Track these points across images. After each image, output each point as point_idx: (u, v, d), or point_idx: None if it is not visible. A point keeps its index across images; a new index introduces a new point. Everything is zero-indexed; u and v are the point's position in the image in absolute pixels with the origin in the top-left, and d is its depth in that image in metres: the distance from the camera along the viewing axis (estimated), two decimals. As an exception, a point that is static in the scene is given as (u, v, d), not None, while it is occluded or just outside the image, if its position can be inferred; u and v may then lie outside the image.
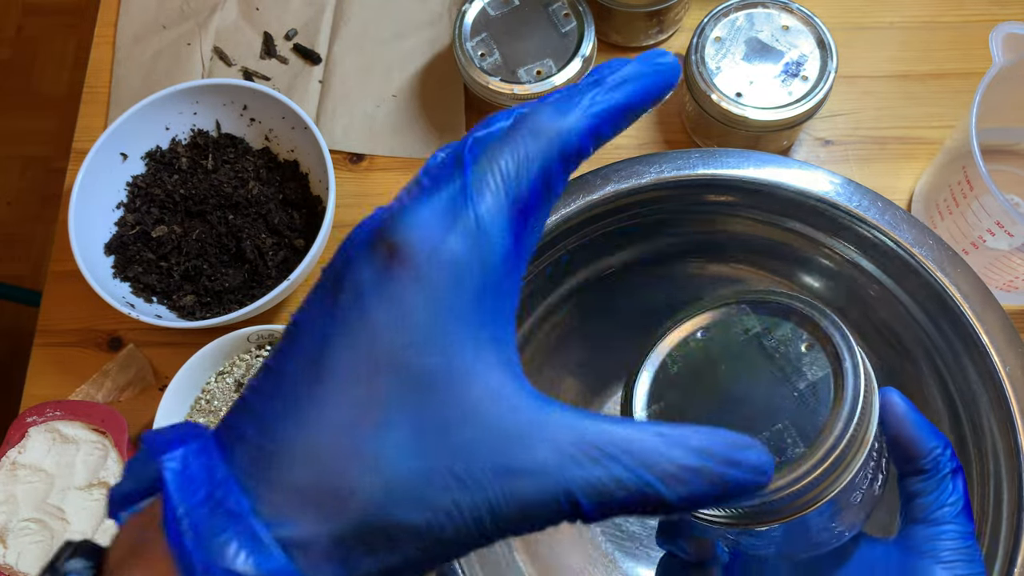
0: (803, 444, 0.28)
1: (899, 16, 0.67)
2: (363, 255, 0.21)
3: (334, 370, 0.20)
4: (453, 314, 0.21)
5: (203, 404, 0.56)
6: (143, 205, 0.61)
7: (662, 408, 0.30)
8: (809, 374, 0.29)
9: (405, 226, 0.21)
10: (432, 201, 0.21)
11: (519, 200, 0.21)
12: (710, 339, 0.31)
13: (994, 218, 0.50)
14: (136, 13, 0.70)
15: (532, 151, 0.21)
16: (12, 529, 0.52)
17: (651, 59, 0.23)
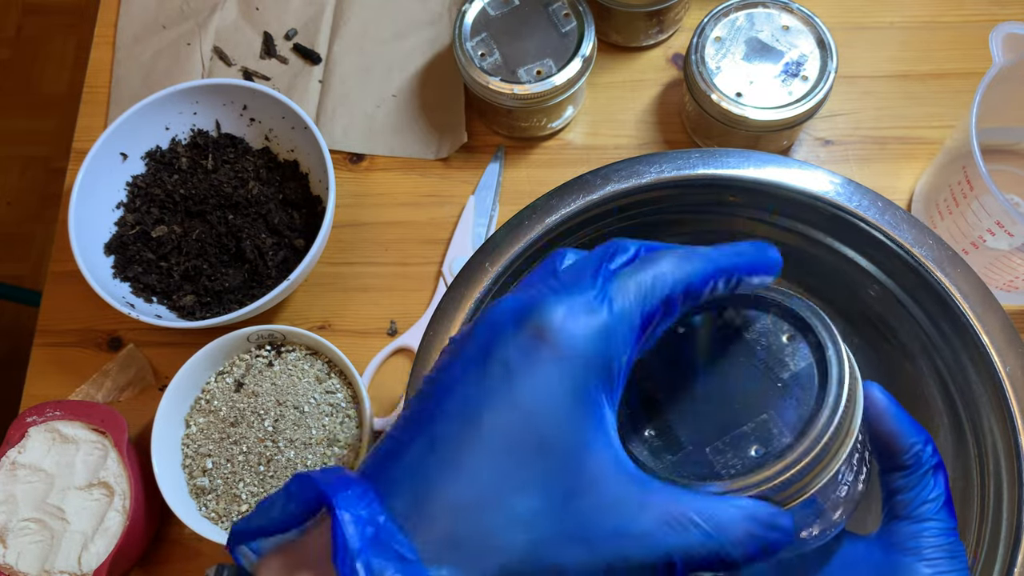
0: (789, 434, 0.28)
1: (899, 16, 0.67)
2: (511, 333, 0.25)
3: (484, 435, 0.24)
4: (585, 396, 0.24)
5: (203, 404, 0.56)
6: (143, 205, 0.61)
7: (641, 405, 0.30)
8: (792, 364, 0.29)
9: (552, 312, 0.24)
10: (574, 296, 0.25)
11: (645, 310, 0.25)
12: (689, 332, 0.31)
13: (994, 218, 0.50)
14: (136, 13, 0.70)
15: (664, 279, 0.26)
16: (12, 529, 0.52)
17: (764, 250, 0.28)
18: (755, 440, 0.28)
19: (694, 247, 0.27)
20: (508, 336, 0.24)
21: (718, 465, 0.28)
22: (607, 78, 0.66)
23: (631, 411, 0.30)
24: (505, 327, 0.25)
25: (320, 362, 0.57)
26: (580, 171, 0.47)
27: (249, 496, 0.53)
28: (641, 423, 0.30)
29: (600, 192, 0.46)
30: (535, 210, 0.46)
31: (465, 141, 0.63)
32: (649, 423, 0.30)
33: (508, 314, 0.25)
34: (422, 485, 0.24)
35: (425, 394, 0.25)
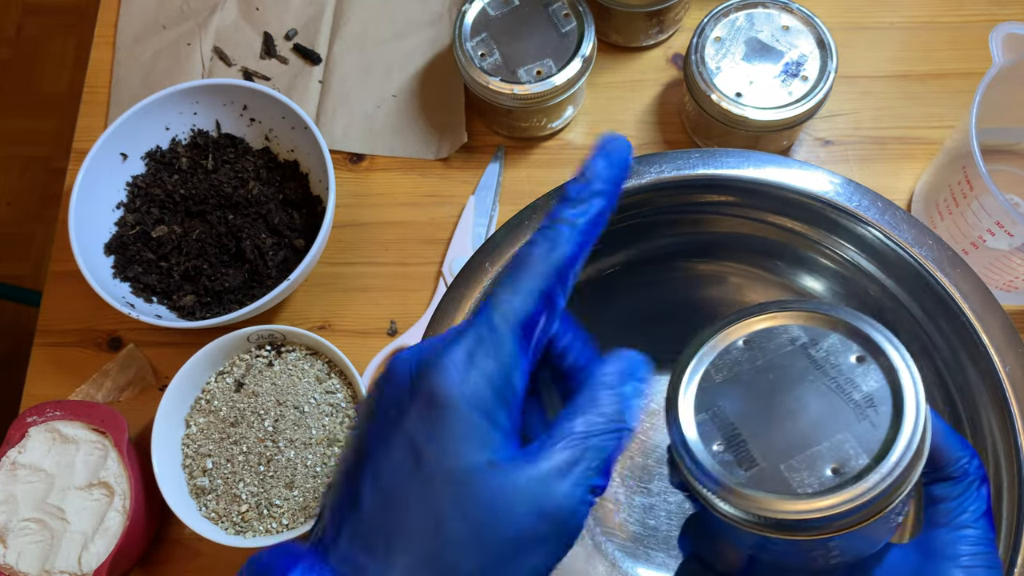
0: (866, 456, 0.28)
1: (899, 16, 0.67)
2: (405, 401, 0.27)
3: (398, 498, 0.26)
4: (477, 431, 0.26)
5: (203, 404, 0.56)
6: (143, 205, 0.61)
7: (711, 417, 0.30)
8: (864, 386, 0.29)
9: (437, 376, 0.26)
10: (451, 350, 0.27)
11: (524, 323, 0.27)
12: (754, 348, 0.31)
13: (994, 218, 0.50)
14: (136, 13, 0.70)
15: (530, 285, 0.27)
16: (12, 529, 0.52)
17: (609, 151, 0.29)
18: (831, 460, 0.28)
19: (554, 214, 0.29)
20: (405, 405, 0.26)
21: (794, 483, 0.28)
22: (607, 78, 0.66)
23: (701, 425, 0.30)
24: (401, 393, 0.27)
25: (320, 362, 0.57)
26: (580, 171, 0.47)
27: (249, 496, 0.53)
28: (712, 436, 0.30)
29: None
30: (535, 210, 0.46)
31: (465, 141, 0.63)
32: (721, 437, 0.30)
33: (401, 378, 0.27)
34: (362, 556, 0.26)
35: (351, 457, 0.27)
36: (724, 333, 0.32)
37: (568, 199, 0.29)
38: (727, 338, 0.32)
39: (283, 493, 0.53)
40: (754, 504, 0.28)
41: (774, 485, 0.28)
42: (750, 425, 0.29)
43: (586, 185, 0.29)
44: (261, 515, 0.53)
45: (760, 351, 0.31)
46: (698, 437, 0.30)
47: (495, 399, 0.26)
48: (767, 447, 0.29)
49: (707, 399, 0.31)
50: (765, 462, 0.29)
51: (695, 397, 0.31)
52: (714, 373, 0.31)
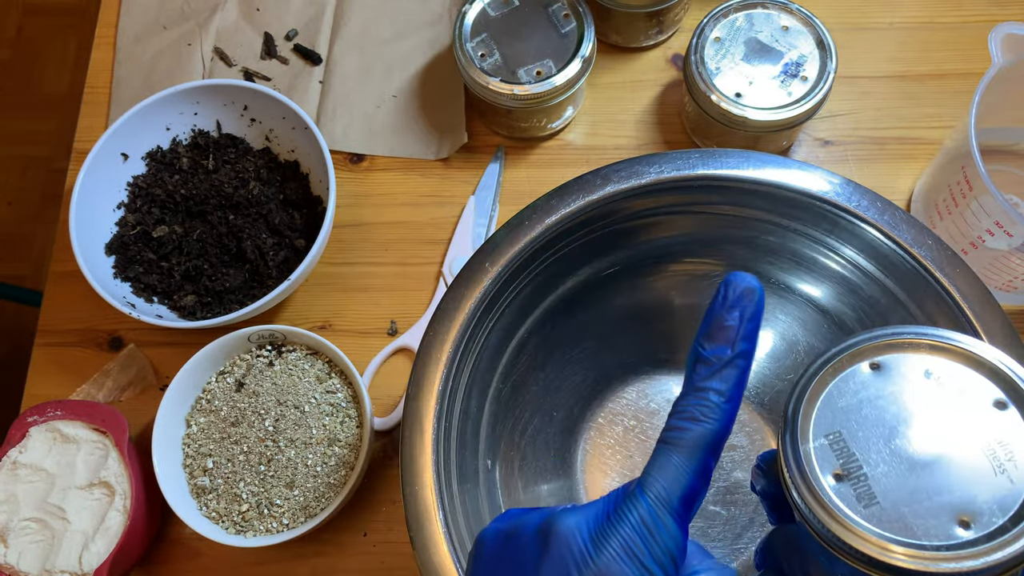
0: (1001, 514, 0.26)
1: (898, 16, 0.67)
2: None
3: None
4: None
5: (204, 404, 0.56)
6: (144, 205, 0.61)
7: (830, 443, 0.28)
8: (1003, 435, 0.27)
9: (608, 562, 0.27)
10: (621, 530, 0.27)
11: (684, 500, 0.28)
12: (883, 375, 0.29)
13: (993, 218, 0.50)
14: (137, 14, 0.70)
15: (690, 466, 0.28)
16: (13, 528, 0.52)
17: (742, 300, 0.28)
18: (959, 512, 0.26)
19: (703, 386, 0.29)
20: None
21: (919, 531, 0.26)
22: (607, 78, 0.66)
23: (820, 450, 0.28)
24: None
25: (320, 362, 0.57)
26: (580, 171, 0.47)
27: (250, 496, 0.53)
28: (830, 463, 0.28)
29: (600, 192, 0.46)
30: (535, 210, 0.46)
31: (465, 141, 0.63)
32: (840, 466, 0.28)
33: (571, 557, 0.27)
34: None
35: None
36: (851, 353, 0.29)
37: (707, 363, 0.28)
38: (854, 359, 0.29)
39: (283, 493, 0.53)
40: (871, 545, 0.26)
41: (897, 529, 0.26)
42: (872, 459, 0.28)
43: (726, 347, 0.28)
44: (261, 515, 0.53)
45: (889, 379, 0.29)
46: (816, 462, 0.28)
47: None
48: (889, 486, 0.27)
49: (827, 423, 0.29)
50: (886, 501, 0.27)
51: (814, 419, 0.29)
52: (836, 396, 0.29)
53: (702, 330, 0.29)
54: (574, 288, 0.52)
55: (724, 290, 0.29)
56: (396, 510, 0.56)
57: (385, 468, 0.57)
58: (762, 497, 0.34)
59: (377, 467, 0.57)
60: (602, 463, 0.54)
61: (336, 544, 0.55)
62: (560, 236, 0.47)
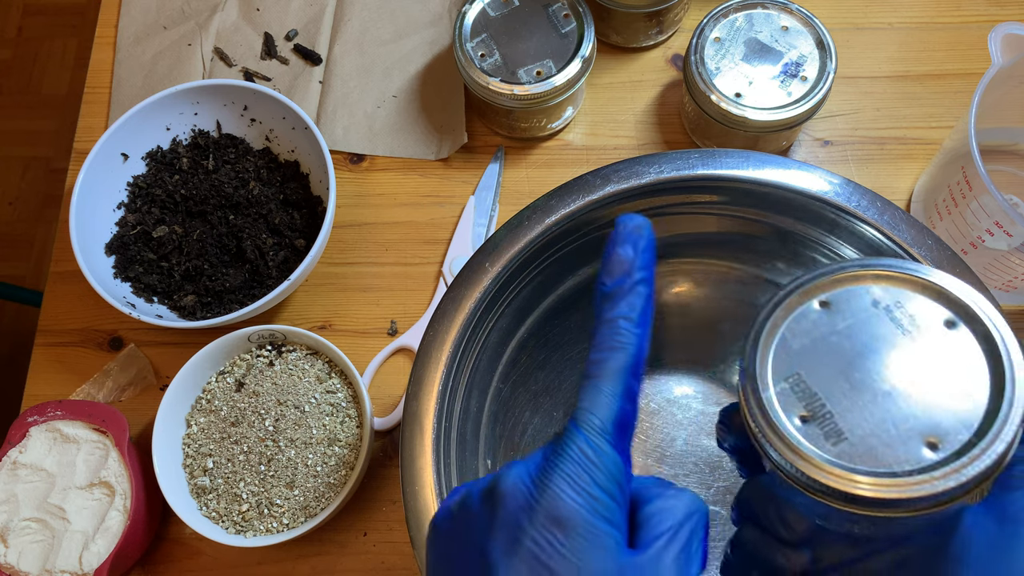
0: (966, 431, 0.26)
1: (898, 17, 0.67)
2: (525, 523, 0.27)
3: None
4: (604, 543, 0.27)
5: (204, 404, 0.56)
6: (144, 205, 0.61)
7: (791, 387, 0.28)
8: (957, 351, 0.27)
9: (555, 497, 0.27)
10: (564, 467, 0.28)
11: (618, 426, 0.28)
12: (833, 311, 0.29)
13: (993, 218, 0.50)
14: (137, 14, 0.70)
15: (613, 389, 0.28)
16: (13, 528, 0.52)
17: (632, 235, 0.30)
18: (927, 435, 0.26)
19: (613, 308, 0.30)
20: (528, 530, 0.27)
21: (890, 459, 0.26)
22: (607, 79, 0.66)
23: (782, 395, 0.28)
24: (520, 519, 0.27)
25: (320, 362, 0.57)
26: (580, 171, 0.47)
27: (250, 495, 0.53)
28: (794, 407, 0.28)
29: (600, 192, 0.46)
30: (535, 210, 0.46)
31: (465, 141, 0.63)
32: (804, 408, 0.28)
33: (518, 500, 0.28)
34: None
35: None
36: (799, 293, 0.29)
37: (611, 296, 0.29)
38: (803, 299, 0.29)
39: (284, 493, 0.53)
40: (846, 481, 0.26)
41: (867, 462, 0.26)
42: (834, 396, 0.27)
43: (625, 278, 0.29)
44: (262, 514, 0.53)
45: (840, 314, 0.29)
46: (779, 407, 0.28)
47: (612, 505, 0.27)
48: (855, 420, 0.27)
49: (785, 366, 0.28)
50: (854, 436, 0.27)
51: (771, 364, 0.29)
52: (790, 338, 0.29)
53: (601, 269, 0.30)
54: (574, 288, 0.52)
55: (616, 229, 0.30)
56: (396, 510, 0.56)
57: (385, 468, 0.57)
58: (730, 453, 0.34)
59: (377, 467, 0.57)
60: (602, 463, 0.54)
61: (336, 544, 0.56)
62: (560, 236, 0.47)
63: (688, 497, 0.30)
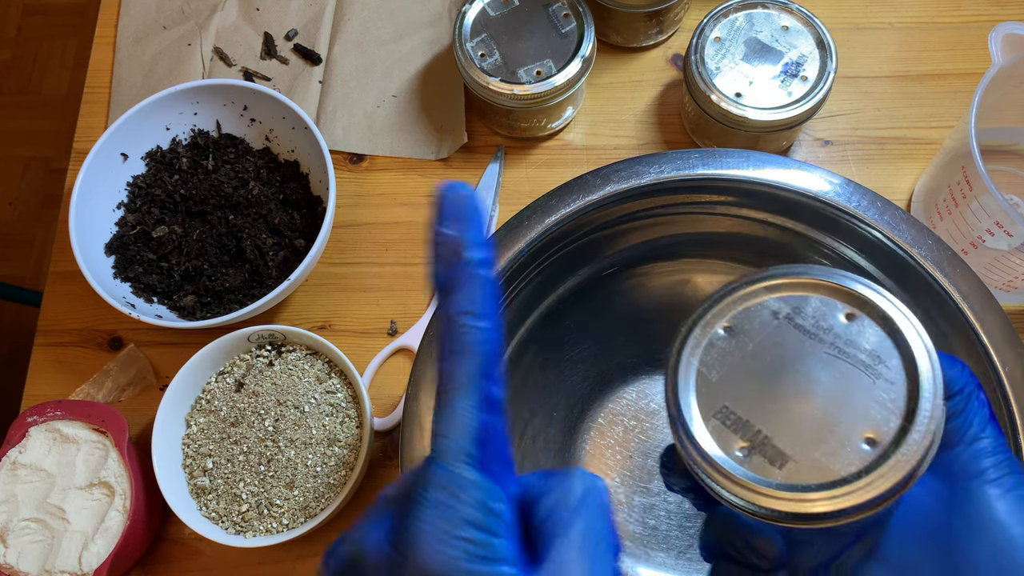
0: (896, 416, 0.26)
1: (898, 17, 0.67)
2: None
3: None
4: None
5: (204, 404, 0.56)
6: (144, 205, 0.61)
7: (722, 421, 0.28)
8: (864, 343, 0.27)
9: (421, 549, 0.24)
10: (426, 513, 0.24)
11: (478, 442, 0.25)
12: (738, 334, 0.28)
13: (993, 218, 0.50)
14: (137, 14, 0.70)
15: (462, 404, 0.25)
16: (12, 529, 0.52)
17: (455, 204, 0.25)
18: (863, 431, 0.26)
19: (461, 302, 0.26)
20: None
21: (837, 467, 0.26)
22: (607, 78, 0.66)
23: (716, 432, 0.28)
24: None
25: (320, 362, 0.57)
26: (580, 171, 0.47)
27: (249, 496, 0.53)
28: (731, 441, 0.27)
29: (600, 192, 0.46)
30: (535, 210, 0.46)
31: (465, 141, 0.63)
32: (740, 438, 0.27)
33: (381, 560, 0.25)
34: None
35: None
36: (700, 326, 0.29)
37: (445, 289, 0.25)
38: (706, 331, 0.29)
39: (283, 493, 0.53)
40: (802, 503, 0.26)
41: (816, 476, 0.26)
42: (766, 418, 0.27)
43: (456, 263, 0.25)
44: (261, 515, 0.53)
45: (745, 335, 0.28)
46: (717, 446, 0.27)
47: (490, 540, 0.24)
48: (793, 437, 0.27)
49: (711, 401, 0.28)
50: (796, 454, 0.26)
51: (696, 403, 0.28)
52: (707, 372, 0.28)
53: (431, 261, 0.26)
54: (574, 288, 0.52)
55: (435, 206, 0.26)
56: (396, 510, 0.56)
57: (385, 468, 0.57)
58: (683, 493, 0.33)
59: (377, 467, 0.57)
60: (602, 463, 0.54)
61: (336, 544, 0.55)
62: (560, 236, 0.47)
63: (574, 480, 0.27)
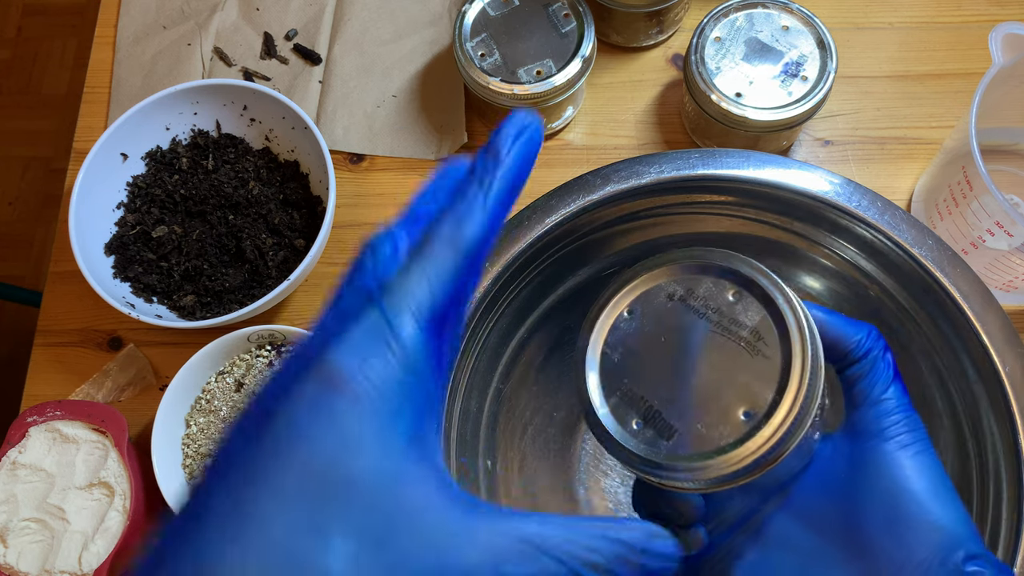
0: (770, 390, 0.28)
1: (898, 16, 0.67)
2: (297, 386, 0.22)
3: (272, 488, 0.20)
4: (384, 430, 0.21)
5: (203, 404, 0.56)
6: (143, 205, 0.61)
7: (621, 398, 0.30)
8: (748, 321, 0.29)
9: (336, 356, 0.22)
10: (356, 331, 0.22)
11: (435, 316, 0.23)
12: (638, 316, 0.31)
13: (994, 218, 0.50)
14: (136, 14, 0.70)
15: (441, 270, 0.23)
16: (12, 529, 0.52)
17: (521, 123, 0.25)
18: (741, 404, 0.28)
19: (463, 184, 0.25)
20: (294, 390, 0.22)
21: (717, 438, 0.28)
22: (607, 78, 0.66)
23: (616, 409, 0.30)
24: (292, 381, 0.22)
25: (320, 362, 0.57)
26: (580, 171, 0.47)
27: (249, 496, 0.53)
28: (628, 416, 0.30)
29: (600, 192, 0.46)
30: (535, 210, 0.46)
31: (465, 141, 0.63)
32: (636, 414, 0.30)
33: (293, 367, 0.22)
34: (206, 565, 0.20)
35: (206, 468, 0.22)
36: (606, 311, 0.32)
37: (473, 172, 0.25)
38: (611, 315, 0.31)
39: (283, 493, 0.53)
40: (685, 470, 0.28)
41: (698, 446, 0.28)
42: (659, 394, 0.30)
43: (495, 160, 0.24)
44: (261, 515, 0.53)
45: (645, 317, 0.31)
46: (615, 420, 0.30)
47: (411, 398, 0.22)
48: (680, 411, 0.29)
49: (614, 380, 0.31)
50: (682, 425, 0.29)
51: (600, 382, 0.31)
52: (611, 353, 0.31)
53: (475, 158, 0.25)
54: (574, 288, 0.52)
55: (508, 118, 0.25)
56: (396, 510, 0.56)
57: (385, 468, 0.57)
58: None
59: (377, 467, 0.57)
60: (603, 464, 0.54)
61: (336, 544, 0.55)
62: (560, 236, 0.47)
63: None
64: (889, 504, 0.30)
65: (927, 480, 0.30)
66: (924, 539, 0.29)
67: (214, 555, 0.20)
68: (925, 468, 0.30)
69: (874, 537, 0.30)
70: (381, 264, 0.24)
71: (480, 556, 0.22)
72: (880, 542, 0.30)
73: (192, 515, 0.21)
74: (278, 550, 0.20)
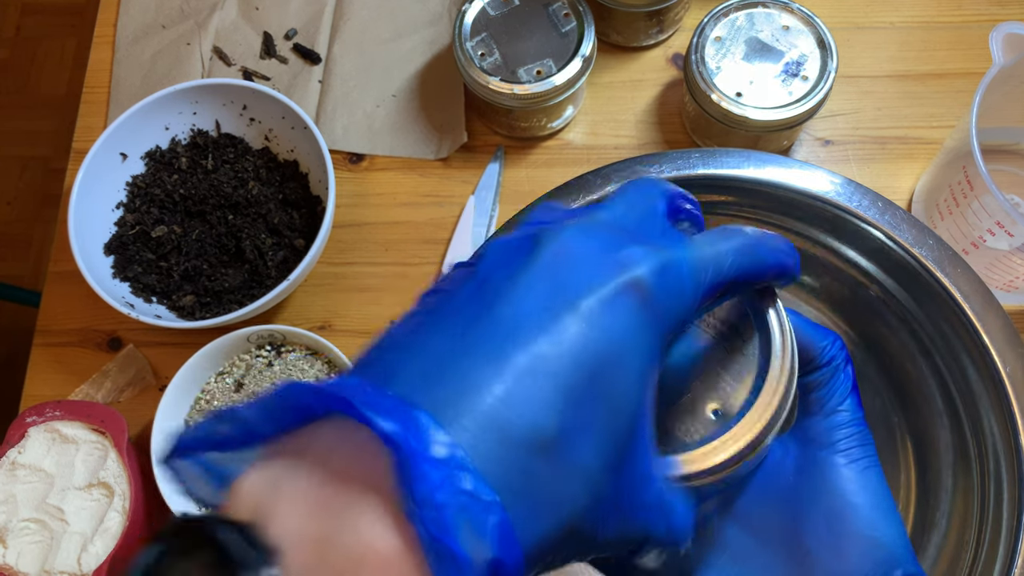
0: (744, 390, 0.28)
1: (899, 16, 0.67)
2: (598, 279, 0.23)
3: (550, 358, 0.21)
4: (654, 355, 0.23)
5: (203, 404, 0.56)
6: (143, 205, 0.61)
7: None
8: (730, 318, 0.29)
9: (648, 268, 0.23)
10: (665, 253, 0.24)
11: (712, 284, 0.25)
12: None
13: (994, 218, 0.50)
14: (136, 13, 0.70)
15: (733, 261, 0.26)
16: (12, 529, 0.52)
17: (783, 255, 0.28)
18: (711, 402, 0.28)
19: (741, 233, 0.28)
20: (595, 281, 0.22)
21: (681, 433, 0.28)
22: (607, 78, 0.66)
23: None
24: (592, 268, 0.23)
25: (320, 362, 0.56)
26: (580, 171, 0.47)
27: (249, 496, 0.53)
28: None
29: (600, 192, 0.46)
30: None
31: (465, 141, 0.63)
32: None
33: (596, 255, 0.23)
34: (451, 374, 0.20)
35: (426, 301, 0.23)
36: None
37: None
38: None
39: (283, 493, 0.53)
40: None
41: (664, 442, 0.28)
42: None
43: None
44: (261, 515, 0.53)
45: None
46: None
47: (673, 330, 0.24)
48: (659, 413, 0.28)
49: None
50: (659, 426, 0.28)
51: None
52: None
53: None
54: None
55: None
56: (396, 511, 0.56)
57: (385, 468, 0.57)
58: None
59: (377, 467, 0.57)
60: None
61: (336, 545, 0.55)
62: (560, 236, 0.47)
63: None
64: (833, 516, 0.30)
65: (872, 496, 0.30)
66: (866, 554, 0.29)
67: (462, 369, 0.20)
68: (871, 484, 0.30)
69: (815, 548, 0.30)
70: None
71: (653, 502, 0.24)
72: (821, 553, 0.30)
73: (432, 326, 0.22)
74: (536, 422, 0.20)
